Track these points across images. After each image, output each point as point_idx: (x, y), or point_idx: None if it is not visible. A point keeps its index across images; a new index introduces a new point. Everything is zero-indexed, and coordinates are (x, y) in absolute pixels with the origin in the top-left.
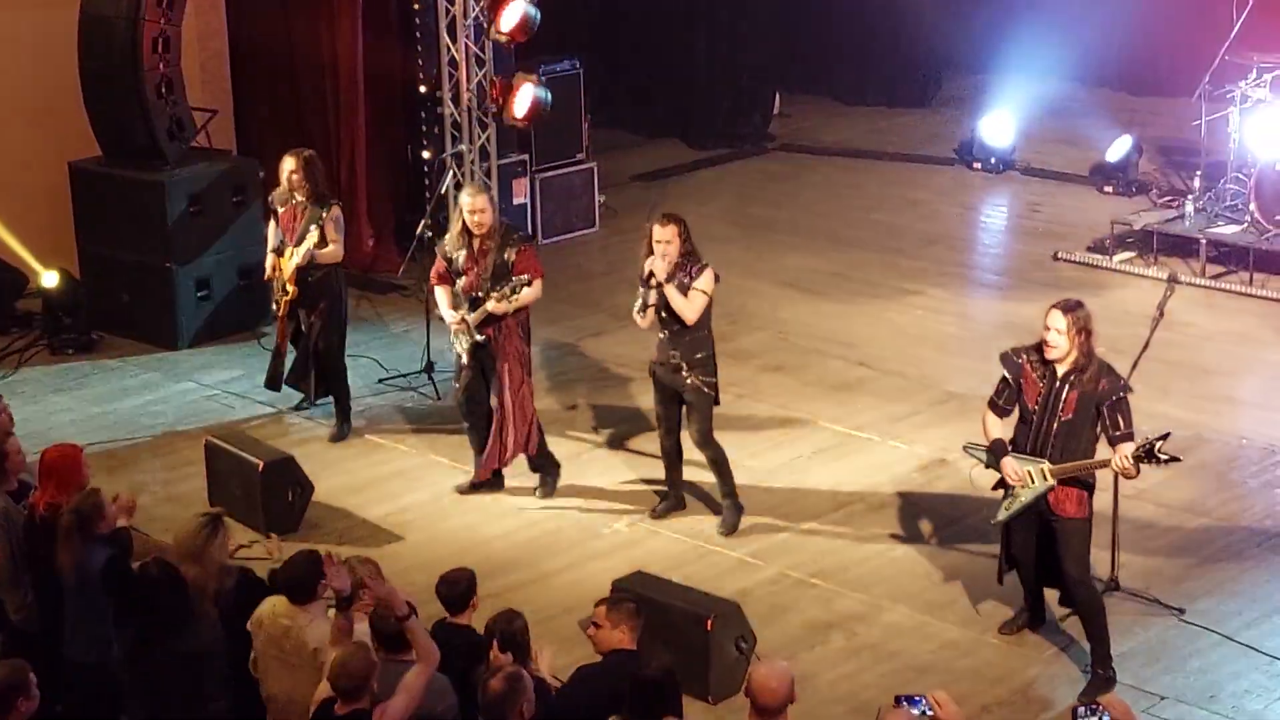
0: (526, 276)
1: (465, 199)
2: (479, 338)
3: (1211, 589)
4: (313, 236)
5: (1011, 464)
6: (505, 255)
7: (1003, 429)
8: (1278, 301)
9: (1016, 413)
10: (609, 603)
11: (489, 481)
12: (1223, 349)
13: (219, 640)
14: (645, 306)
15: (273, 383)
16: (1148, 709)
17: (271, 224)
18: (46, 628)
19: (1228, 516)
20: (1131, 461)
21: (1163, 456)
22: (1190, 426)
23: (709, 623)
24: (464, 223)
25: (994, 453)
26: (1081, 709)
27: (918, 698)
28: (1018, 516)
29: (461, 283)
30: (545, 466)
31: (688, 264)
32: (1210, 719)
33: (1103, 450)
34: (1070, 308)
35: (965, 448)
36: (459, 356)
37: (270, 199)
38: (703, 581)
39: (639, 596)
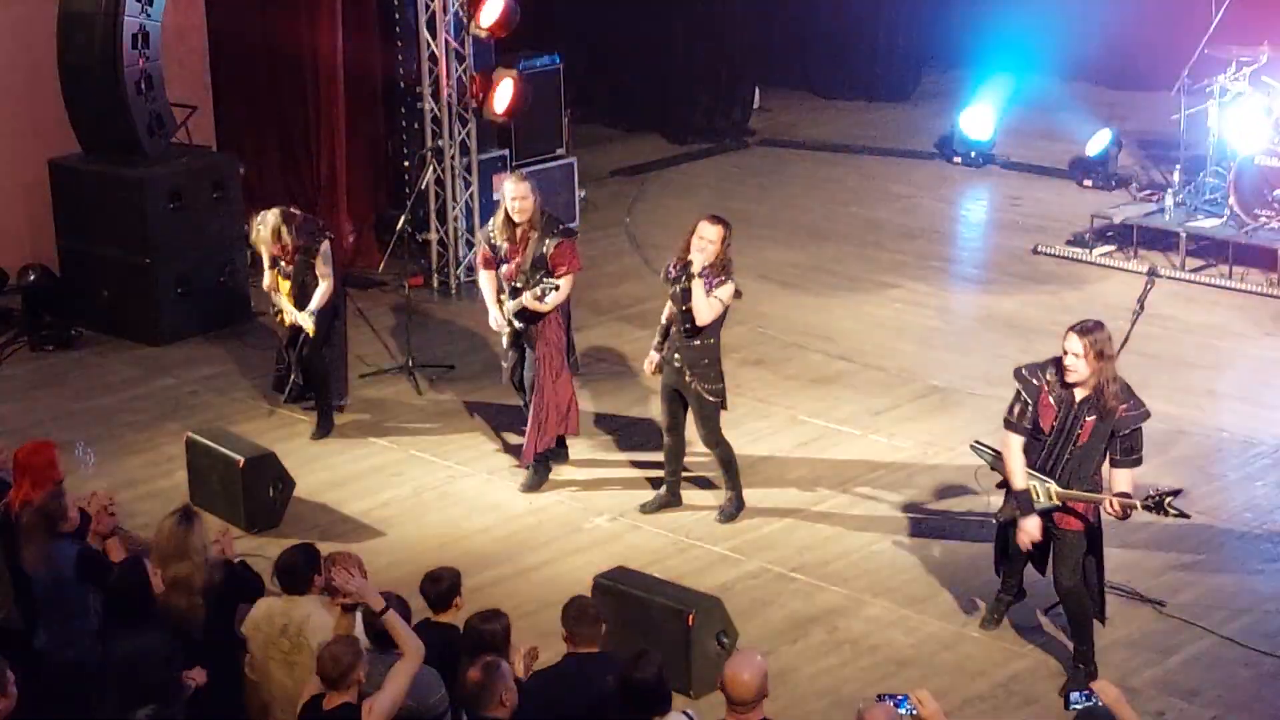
0: (555, 281)
1: (507, 187)
2: (518, 325)
3: (1193, 582)
4: (306, 321)
5: (1031, 525)
6: (544, 248)
7: (1022, 453)
8: (1257, 295)
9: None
10: (568, 622)
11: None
12: (1202, 342)
13: (168, 643)
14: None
15: (279, 385)
16: (1129, 703)
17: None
18: (26, 625)
19: (1208, 510)
20: (1120, 508)
21: (1172, 511)
22: (1171, 420)
23: (690, 618)
24: (507, 211)
25: (1021, 509)
26: (1074, 694)
27: (900, 696)
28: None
29: (504, 270)
30: (540, 463)
31: (717, 272)
32: (1191, 712)
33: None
34: (1087, 330)
35: (973, 446)
36: (504, 340)
37: (253, 245)
38: (684, 576)
39: (620, 592)
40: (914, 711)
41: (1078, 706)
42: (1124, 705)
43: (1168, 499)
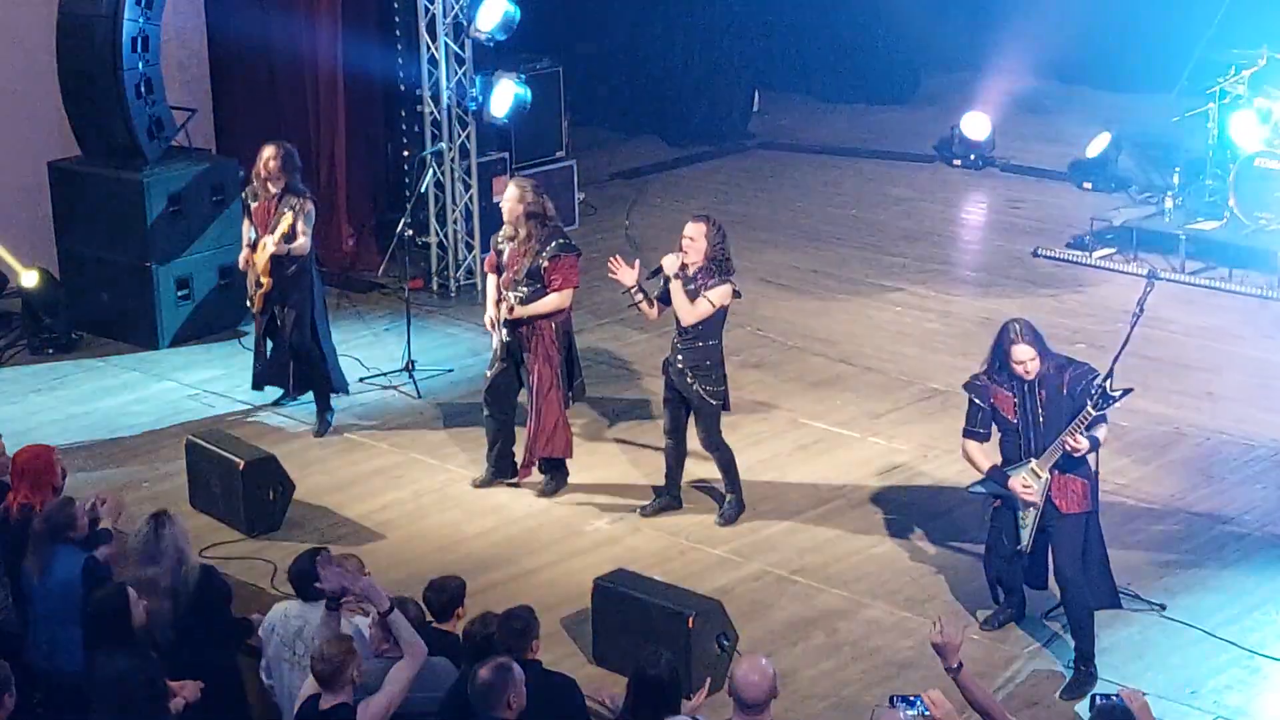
0: (523, 294)
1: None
2: (505, 337)
3: (1192, 584)
4: (286, 221)
5: (1016, 480)
6: (540, 260)
7: (987, 454)
8: (1257, 297)
9: (997, 433)
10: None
11: (504, 474)
12: (1202, 344)
13: (149, 665)
14: (633, 303)
15: (257, 383)
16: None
17: (246, 221)
18: (25, 628)
19: (1208, 512)
20: (1079, 424)
21: (1115, 394)
22: (1170, 422)
23: (690, 620)
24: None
25: (996, 481)
26: (1100, 698)
27: (914, 697)
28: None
29: (502, 278)
30: (555, 468)
31: (711, 270)
32: (1192, 714)
33: None
34: (1031, 337)
35: (969, 489)
36: (494, 346)
37: (244, 194)
38: (684, 579)
39: (620, 594)
40: (927, 712)
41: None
42: (1148, 713)
43: (1106, 384)
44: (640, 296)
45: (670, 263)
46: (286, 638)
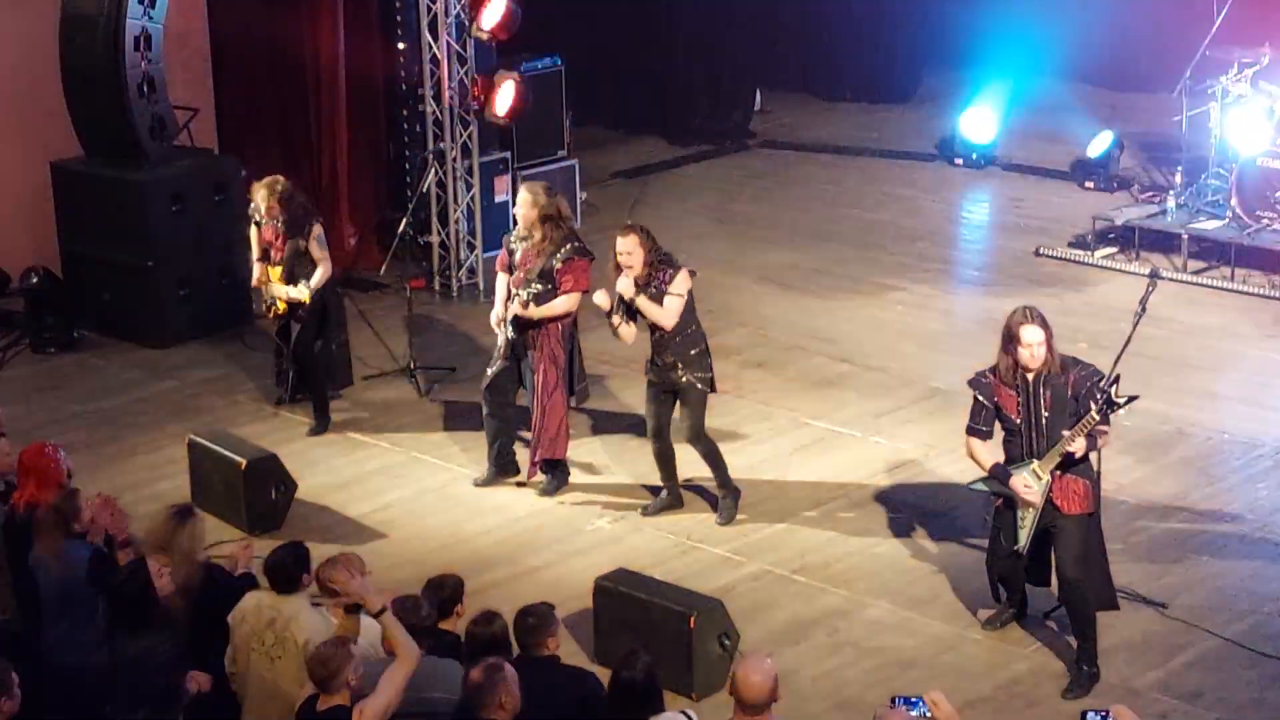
0: (536, 289)
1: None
2: (511, 334)
3: (1194, 584)
4: (302, 290)
5: (1018, 480)
6: (553, 261)
7: (991, 452)
8: (1259, 296)
9: (1000, 432)
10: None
11: (506, 473)
12: (1204, 344)
13: (171, 647)
14: (616, 329)
15: (283, 382)
16: (1132, 706)
17: (254, 236)
18: (28, 627)
19: (1210, 511)
20: (1082, 428)
21: (1120, 400)
22: (1172, 421)
23: (691, 620)
24: None
25: (998, 479)
26: (1091, 714)
27: (915, 698)
28: (1035, 528)
29: (514, 276)
30: (556, 467)
31: (660, 269)
32: (1194, 715)
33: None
34: (1041, 318)
35: (970, 486)
36: (499, 343)
37: (250, 210)
38: (685, 578)
39: (622, 594)
40: (929, 713)
41: None
42: None
43: (1113, 389)
44: (618, 320)
45: (624, 284)
46: (257, 627)
